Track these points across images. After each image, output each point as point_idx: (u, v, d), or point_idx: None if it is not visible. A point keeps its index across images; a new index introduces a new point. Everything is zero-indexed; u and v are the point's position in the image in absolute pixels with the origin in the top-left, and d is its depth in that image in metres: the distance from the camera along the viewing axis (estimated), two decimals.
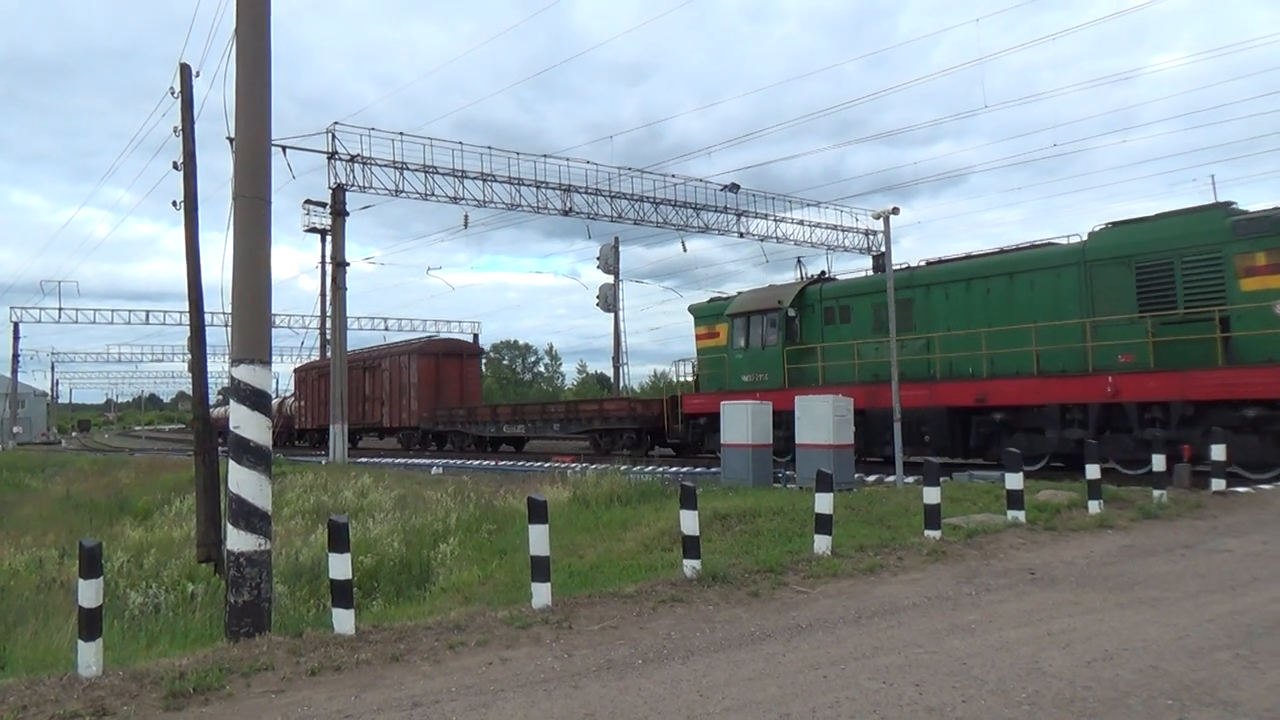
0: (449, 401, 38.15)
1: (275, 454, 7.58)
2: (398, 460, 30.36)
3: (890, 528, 10.50)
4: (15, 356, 65.41)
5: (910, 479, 15.15)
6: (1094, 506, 10.83)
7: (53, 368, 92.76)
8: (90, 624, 5.56)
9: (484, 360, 47.96)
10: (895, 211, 15.57)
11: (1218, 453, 12.66)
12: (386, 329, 74.58)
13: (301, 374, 50.19)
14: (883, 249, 17.14)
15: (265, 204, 7.32)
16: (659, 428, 26.28)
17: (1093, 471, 11.08)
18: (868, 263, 43.01)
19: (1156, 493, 11.52)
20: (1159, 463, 11.91)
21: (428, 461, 28.85)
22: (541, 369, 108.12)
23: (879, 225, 23.68)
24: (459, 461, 28.45)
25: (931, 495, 9.55)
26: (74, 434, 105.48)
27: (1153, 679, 4.99)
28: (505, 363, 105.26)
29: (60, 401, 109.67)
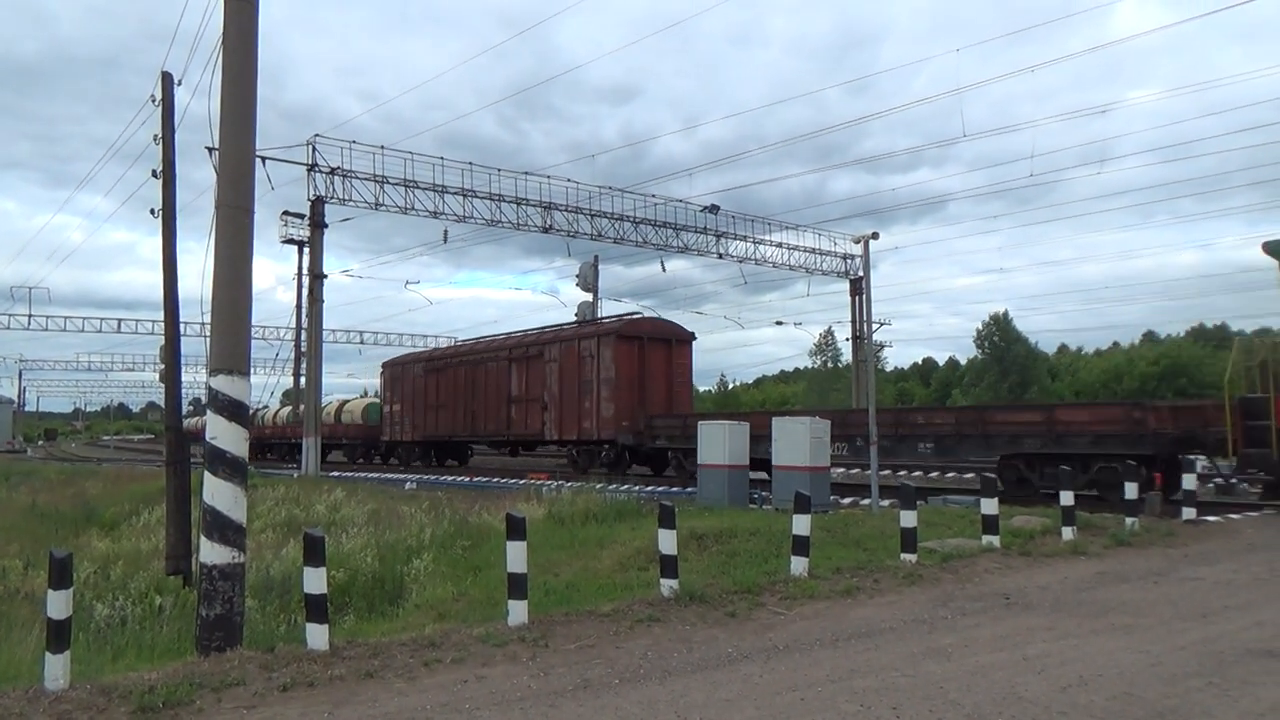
0: (655, 406, 26.64)
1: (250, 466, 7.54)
2: (370, 475, 30.11)
3: (866, 550, 10.53)
4: None
5: (885, 502, 15.20)
6: (1067, 533, 10.90)
7: (20, 375, 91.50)
8: (58, 636, 5.46)
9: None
10: (875, 236, 15.75)
11: (1189, 481, 12.80)
12: (362, 342, 74.29)
13: (396, 369, 38.34)
14: (860, 273, 17.27)
15: (248, 214, 7.28)
16: (1176, 451, 15.60)
17: (1066, 498, 11.16)
18: (845, 287, 43.45)
19: (1129, 520, 11.62)
20: (1131, 490, 12.02)
21: (401, 477, 28.62)
22: None
23: (858, 249, 23.85)
24: (433, 477, 28.22)
25: (908, 519, 9.58)
26: (40, 443, 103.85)
27: (1127, 705, 5.02)
28: None
29: (27, 409, 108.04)
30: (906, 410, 26.04)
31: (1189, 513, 12.62)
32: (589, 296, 41.43)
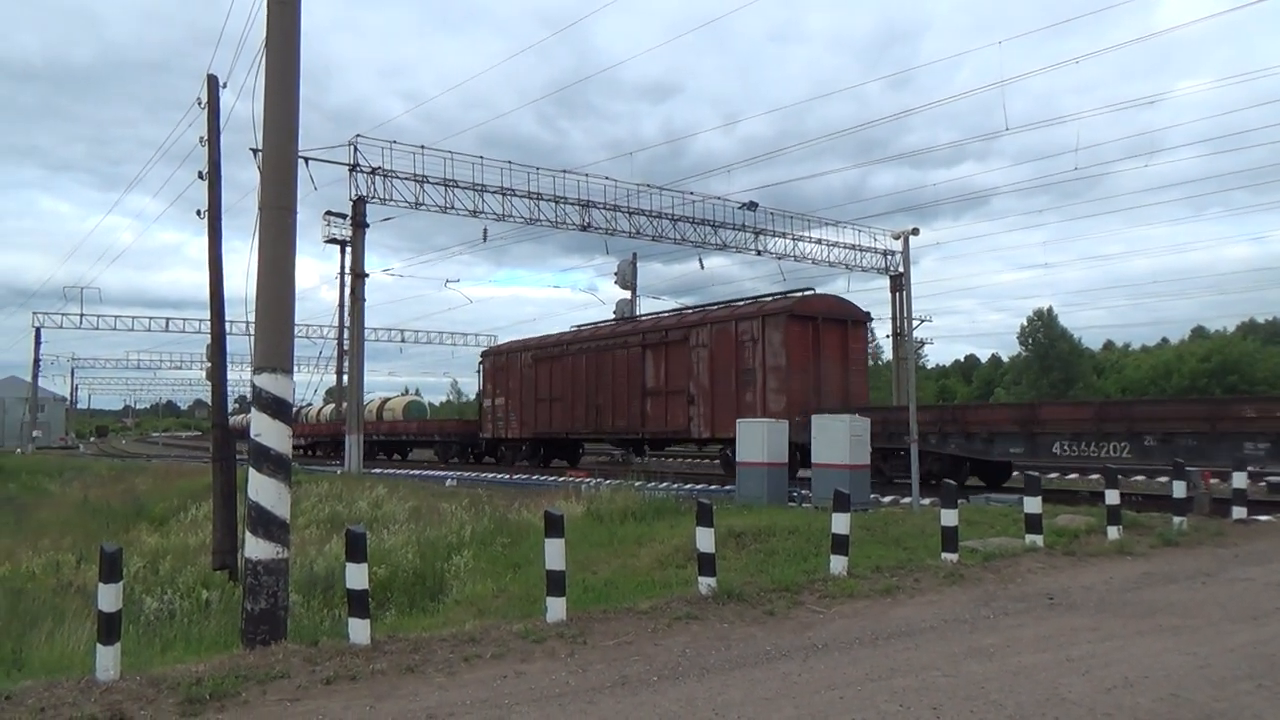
0: (831, 398, 22.65)
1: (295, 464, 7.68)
2: (412, 472, 30.40)
3: (907, 549, 10.45)
4: (36, 361, 66.23)
5: (926, 501, 15.06)
6: (1113, 532, 10.73)
7: (72, 373, 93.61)
8: (109, 628, 5.58)
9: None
10: (915, 232, 15.57)
11: (1239, 480, 12.53)
12: (403, 341, 75.06)
13: (499, 359, 34.52)
14: (901, 269, 17.09)
15: (290, 214, 7.38)
16: None
17: (1112, 497, 10.99)
18: (885, 283, 43.09)
19: (1176, 519, 11.40)
20: (1180, 489, 11.80)
21: (442, 474, 28.86)
22: None
23: (898, 245, 23.62)
24: (473, 474, 28.41)
25: (949, 517, 9.48)
26: (92, 439, 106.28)
27: (1174, 708, 4.93)
28: None
29: (79, 407, 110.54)
30: (1230, 401, 19.97)
31: (1239, 512, 12.35)
32: (628, 294, 41.53)
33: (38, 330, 64.31)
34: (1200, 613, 7.29)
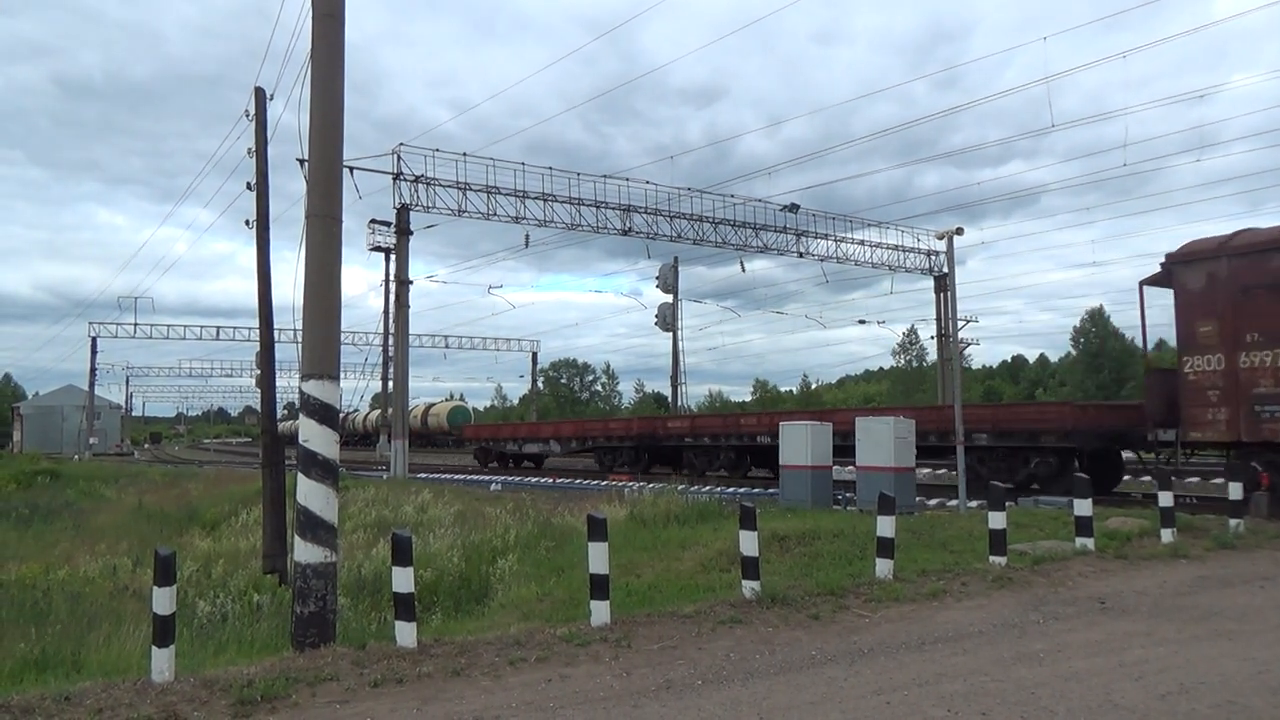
0: None
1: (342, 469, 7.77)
2: (456, 477, 30.60)
3: (953, 553, 10.32)
4: (93, 370, 67.93)
5: (973, 503, 14.87)
6: (1167, 535, 10.50)
7: (127, 381, 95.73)
8: (164, 631, 5.71)
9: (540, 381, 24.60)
10: (959, 232, 15.39)
11: None
12: (447, 346, 75.73)
13: (1248, 263, 13.74)
14: (945, 270, 16.89)
15: (337, 223, 7.49)
16: None
17: (1166, 498, 10.76)
18: (930, 284, 42.64)
19: (1233, 522, 11.14)
20: (1236, 491, 11.52)
21: (486, 479, 29.04)
22: (599, 388, 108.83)
23: (942, 246, 23.38)
24: (515, 479, 28.54)
25: (997, 520, 9.35)
26: (146, 445, 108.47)
27: (1230, 714, 4.82)
28: (563, 381, 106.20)
29: (133, 414, 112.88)
30: None
31: None
32: (669, 298, 41.55)
33: (94, 340, 66.00)
34: (1258, 617, 7.12)
